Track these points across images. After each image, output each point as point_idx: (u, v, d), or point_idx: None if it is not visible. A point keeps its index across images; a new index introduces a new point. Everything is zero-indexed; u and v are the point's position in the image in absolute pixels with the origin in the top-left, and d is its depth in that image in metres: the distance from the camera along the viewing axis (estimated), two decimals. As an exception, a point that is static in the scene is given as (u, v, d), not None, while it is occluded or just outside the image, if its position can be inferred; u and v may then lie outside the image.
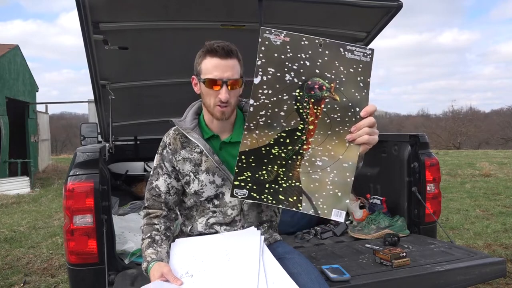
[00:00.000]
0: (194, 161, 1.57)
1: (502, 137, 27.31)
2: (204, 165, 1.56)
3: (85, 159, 1.83)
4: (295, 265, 1.50)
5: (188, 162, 1.57)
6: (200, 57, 1.50)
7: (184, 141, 1.59)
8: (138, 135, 3.73)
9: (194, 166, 1.57)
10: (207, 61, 1.46)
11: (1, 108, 10.32)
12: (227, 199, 1.58)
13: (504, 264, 1.87)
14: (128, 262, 1.98)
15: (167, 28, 2.50)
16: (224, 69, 1.45)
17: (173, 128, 1.64)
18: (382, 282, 1.71)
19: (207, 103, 1.52)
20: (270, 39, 1.31)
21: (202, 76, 1.47)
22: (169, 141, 1.60)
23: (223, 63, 1.45)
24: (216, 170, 1.55)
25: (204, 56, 1.47)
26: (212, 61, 1.45)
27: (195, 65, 1.52)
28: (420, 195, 2.34)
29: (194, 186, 1.57)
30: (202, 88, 1.50)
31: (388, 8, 2.52)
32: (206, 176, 1.55)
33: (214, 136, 1.59)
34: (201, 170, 1.56)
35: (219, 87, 1.45)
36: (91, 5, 2.07)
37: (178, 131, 1.62)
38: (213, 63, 1.44)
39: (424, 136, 2.45)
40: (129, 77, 3.00)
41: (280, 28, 1.35)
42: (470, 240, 4.04)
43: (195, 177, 1.56)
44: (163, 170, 1.59)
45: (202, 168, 1.56)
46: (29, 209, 6.59)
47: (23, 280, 3.38)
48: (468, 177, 8.40)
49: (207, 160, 1.55)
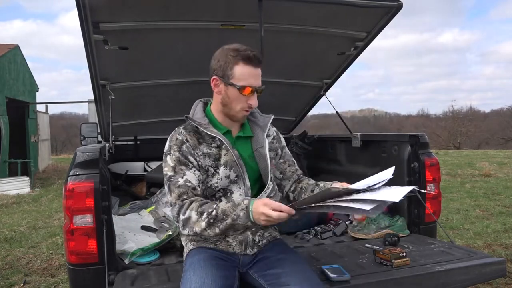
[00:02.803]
0: (214, 155, 1.60)
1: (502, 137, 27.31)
2: (223, 158, 1.60)
3: (85, 159, 1.83)
4: (289, 264, 1.53)
5: (208, 157, 1.59)
6: (230, 61, 1.53)
7: (199, 137, 1.61)
8: (138, 135, 3.73)
9: (213, 160, 1.60)
10: (241, 68, 1.52)
11: (1, 108, 10.32)
12: (235, 197, 1.61)
13: (504, 264, 1.87)
14: (128, 262, 1.98)
15: (167, 28, 2.50)
16: (257, 78, 1.55)
17: (182, 126, 1.64)
18: (382, 282, 1.71)
19: (230, 106, 1.58)
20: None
21: (235, 81, 1.52)
22: (186, 138, 1.59)
23: (256, 72, 1.55)
24: (233, 165, 1.60)
25: (237, 62, 1.52)
26: (247, 69, 1.52)
27: (221, 68, 1.54)
28: (420, 195, 2.34)
29: (211, 180, 1.59)
30: (231, 92, 1.55)
31: (388, 8, 2.52)
32: (223, 169, 1.59)
33: (227, 132, 1.65)
34: (220, 164, 1.59)
35: (251, 94, 1.54)
36: (91, 5, 2.06)
37: (189, 128, 1.63)
38: (248, 71, 1.52)
39: (424, 136, 2.44)
40: (129, 77, 3.00)
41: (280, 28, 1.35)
42: (470, 240, 4.04)
43: (215, 171, 1.59)
44: (188, 165, 1.55)
45: (221, 162, 1.60)
46: (29, 209, 6.59)
47: (23, 280, 3.38)
48: (468, 177, 8.40)
49: (227, 153, 1.60)
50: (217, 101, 1.63)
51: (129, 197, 3.32)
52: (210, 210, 1.44)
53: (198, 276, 1.44)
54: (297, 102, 3.74)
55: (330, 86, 3.52)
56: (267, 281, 1.53)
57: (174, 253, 2.15)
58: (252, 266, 1.63)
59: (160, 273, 1.84)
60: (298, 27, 2.68)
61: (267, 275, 1.55)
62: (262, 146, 1.68)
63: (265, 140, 1.68)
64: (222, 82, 1.56)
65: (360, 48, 2.97)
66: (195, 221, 1.45)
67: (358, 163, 3.06)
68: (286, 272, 1.50)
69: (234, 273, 1.57)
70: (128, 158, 3.70)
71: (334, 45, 2.93)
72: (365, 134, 3.00)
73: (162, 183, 2.97)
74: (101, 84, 2.82)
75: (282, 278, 1.48)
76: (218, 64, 1.56)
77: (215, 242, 1.62)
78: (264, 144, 1.68)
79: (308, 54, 3.03)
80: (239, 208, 1.40)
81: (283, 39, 2.72)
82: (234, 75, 1.52)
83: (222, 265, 1.54)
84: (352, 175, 3.13)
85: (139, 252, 2.02)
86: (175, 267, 1.93)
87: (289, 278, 1.46)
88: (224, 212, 1.42)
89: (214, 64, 1.57)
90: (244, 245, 1.63)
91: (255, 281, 1.59)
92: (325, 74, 3.36)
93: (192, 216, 1.46)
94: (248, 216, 1.38)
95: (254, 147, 1.69)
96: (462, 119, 28.45)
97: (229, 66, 1.53)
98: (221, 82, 1.56)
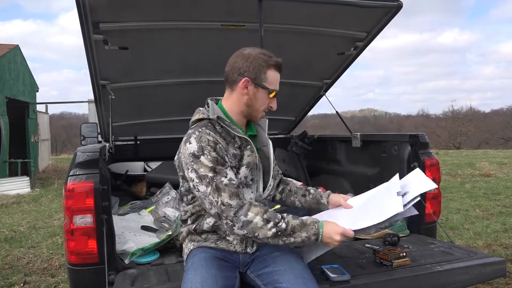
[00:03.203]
0: (237, 156, 1.61)
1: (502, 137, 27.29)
2: (246, 159, 1.61)
3: (85, 159, 1.83)
4: (283, 262, 1.55)
5: (233, 157, 1.60)
6: (263, 65, 1.58)
7: (225, 136, 1.61)
8: (138, 135, 3.73)
9: (237, 161, 1.60)
10: (273, 73, 1.61)
11: (1, 108, 10.32)
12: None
13: (504, 264, 1.87)
14: (128, 262, 1.97)
15: (167, 28, 2.50)
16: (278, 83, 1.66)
17: (204, 127, 1.58)
18: (382, 282, 1.71)
19: (255, 107, 1.62)
20: None
21: (267, 85, 1.60)
22: (216, 139, 1.55)
23: (279, 78, 1.66)
24: (254, 167, 1.63)
25: (269, 67, 1.60)
26: (277, 75, 1.63)
27: (254, 70, 1.58)
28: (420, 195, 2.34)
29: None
30: (260, 94, 1.60)
31: (388, 8, 2.52)
32: (245, 170, 1.61)
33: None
34: (242, 165, 1.60)
35: (274, 97, 1.65)
36: (91, 5, 2.07)
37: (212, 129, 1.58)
38: (277, 77, 1.63)
39: (424, 136, 2.44)
40: (129, 77, 3.00)
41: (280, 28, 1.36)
42: (470, 240, 4.04)
43: (237, 172, 1.60)
44: (225, 165, 1.53)
45: (244, 162, 1.61)
46: (29, 209, 6.59)
47: (23, 280, 3.38)
48: (468, 177, 8.40)
49: (251, 155, 1.62)
50: (240, 101, 1.62)
51: (129, 197, 3.31)
52: (277, 220, 1.47)
53: (199, 276, 1.45)
54: (297, 102, 3.74)
55: (330, 86, 3.52)
56: (262, 280, 1.55)
57: (174, 253, 2.15)
58: (250, 266, 1.64)
59: (160, 273, 1.84)
60: (298, 27, 2.68)
61: (262, 274, 1.57)
62: (265, 145, 1.73)
63: (268, 139, 1.74)
64: (252, 84, 1.59)
65: (360, 48, 2.97)
66: (260, 227, 1.46)
67: (358, 163, 3.06)
68: (279, 270, 1.51)
69: (235, 274, 1.57)
70: (128, 158, 3.70)
71: (334, 45, 2.93)
72: (365, 134, 3.00)
73: (162, 183, 3.03)
74: (101, 84, 2.83)
75: (276, 276, 1.50)
76: (251, 66, 1.57)
77: (216, 242, 1.62)
78: (267, 143, 1.73)
79: (308, 54, 3.03)
80: (311, 231, 1.48)
81: (283, 39, 2.72)
82: (267, 79, 1.59)
83: (223, 265, 1.55)
84: (352, 175, 3.14)
85: (139, 252, 2.02)
86: (175, 267, 1.93)
87: (282, 276, 1.48)
88: (293, 229, 1.47)
89: (243, 66, 1.58)
90: (245, 243, 1.63)
91: (253, 282, 1.60)
92: (325, 74, 3.36)
93: (256, 221, 1.45)
94: (318, 239, 1.49)
95: (258, 145, 1.73)
96: (462, 119, 28.44)
97: (263, 70, 1.58)
98: (251, 83, 1.58)
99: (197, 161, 1.51)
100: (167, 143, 3.69)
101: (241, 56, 1.60)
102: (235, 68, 1.59)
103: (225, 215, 1.47)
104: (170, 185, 2.95)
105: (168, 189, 2.90)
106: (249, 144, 1.62)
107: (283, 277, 1.48)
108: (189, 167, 1.52)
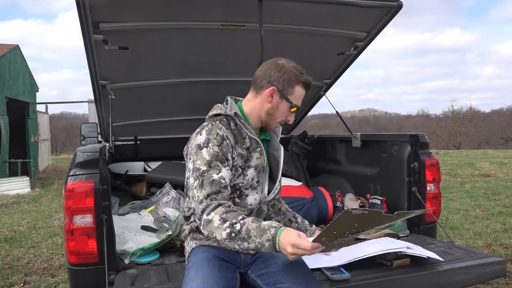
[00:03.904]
0: (245, 156, 1.61)
1: (502, 137, 27.28)
2: (255, 161, 1.62)
3: (85, 159, 1.83)
4: (284, 262, 1.54)
5: (240, 157, 1.60)
6: (293, 80, 1.61)
7: (236, 134, 1.62)
8: (138, 135, 3.73)
9: (244, 161, 1.61)
10: (300, 89, 1.63)
11: (1, 108, 10.32)
12: (249, 200, 1.63)
13: (504, 264, 1.87)
14: (128, 262, 1.97)
15: (167, 28, 2.50)
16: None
17: (218, 121, 1.59)
18: (382, 282, 1.71)
19: (274, 117, 1.65)
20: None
21: (292, 99, 1.62)
22: (226, 134, 1.57)
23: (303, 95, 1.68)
24: (261, 169, 1.64)
25: (298, 83, 1.62)
26: (303, 92, 1.65)
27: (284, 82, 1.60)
28: (420, 195, 2.34)
29: (236, 180, 1.61)
30: (282, 106, 1.62)
31: (388, 8, 2.52)
32: (252, 171, 1.62)
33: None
34: (248, 166, 1.61)
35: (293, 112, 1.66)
36: (91, 5, 2.07)
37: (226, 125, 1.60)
38: (302, 94, 1.66)
39: (424, 136, 2.45)
40: (129, 77, 3.00)
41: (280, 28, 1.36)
42: (470, 240, 4.04)
43: (242, 172, 1.61)
44: (225, 163, 1.53)
45: (251, 164, 1.62)
46: (29, 209, 6.59)
47: (23, 280, 3.38)
48: (468, 177, 8.39)
49: (260, 157, 1.63)
50: (261, 107, 1.64)
51: (129, 197, 3.32)
52: (235, 221, 1.38)
53: (200, 275, 1.45)
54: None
55: (330, 86, 3.52)
56: (263, 280, 1.55)
57: (174, 253, 2.15)
58: (251, 266, 1.64)
59: (160, 273, 1.84)
60: (298, 27, 2.67)
61: (263, 274, 1.57)
62: (277, 150, 1.75)
63: (280, 145, 1.76)
64: (279, 94, 1.61)
65: (360, 48, 2.97)
66: (217, 227, 1.40)
67: (358, 163, 3.06)
68: (281, 270, 1.52)
69: (236, 275, 1.58)
70: (128, 158, 3.70)
71: (334, 45, 2.93)
72: (365, 134, 3.00)
73: (162, 183, 3.03)
74: (101, 84, 2.83)
75: (277, 276, 1.50)
76: (282, 77, 1.60)
77: (217, 241, 1.62)
78: (279, 148, 1.75)
79: (308, 54, 3.02)
80: (265, 236, 1.34)
81: (283, 39, 2.72)
82: (293, 93, 1.61)
83: (224, 266, 1.55)
84: (352, 175, 3.14)
85: (139, 252, 2.02)
86: (175, 267, 1.93)
87: (284, 276, 1.48)
88: (248, 232, 1.35)
89: (276, 76, 1.60)
90: None
91: (253, 282, 1.60)
92: (325, 74, 3.36)
93: (214, 220, 1.41)
94: (274, 247, 1.34)
95: (270, 151, 1.76)
96: (462, 119, 28.44)
97: (292, 84, 1.61)
98: (277, 94, 1.61)
99: (199, 152, 1.52)
100: (167, 143, 3.69)
101: (275, 65, 1.62)
102: (266, 74, 1.62)
103: (196, 212, 1.47)
104: (170, 185, 2.95)
105: (168, 189, 2.90)
106: (259, 146, 1.63)
107: (285, 277, 1.48)
108: (191, 157, 1.55)
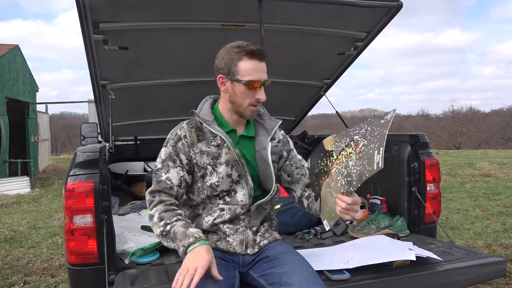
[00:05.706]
0: (212, 154, 1.59)
1: (502, 137, 27.28)
2: (224, 157, 1.58)
3: (85, 159, 1.83)
4: (290, 264, 1.53)
5: (206, 155, 1.58)
6: (234, 58, 1.53)
7: (199, 134, 1.61)
8: (138, 135, 3.73)
9: (212, 159, 1.59)
10: (246, 63, 1.52)
11: (1, 108, 10.33)
12: (239, 197, 1.60)
13: (504, 264, 1.87)
14: (128, 262, 1.97)
15: (167, 28, 2.51)
16: (262, 71, 1.55)
17: (185, 122, 1.64)
18: (382, 282, 1.71)
19: (238, 103, 1.57)
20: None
21: (240, 77, 1.52)
22: (185, 134, 1.59)
23: (260, 65, 1.54)
24: (235, 164, 1.59)
25: (241, 58, 1.52)
26: (252, 63, 1.52)
27: (226, 65, 1.54)
28: (420, 195, 2.34)
29: (211, 179, 1.58)
30: (238, 88, 1.54)
31: (388, 8, 2.52)
32: (225, 168, 1.58)
33: (232, 131, 1.63)
34: (219, 163, 1.58)
35: (258, 88, 1.54)
36: (91, 5, 2.07)
37: (193, 124, 1.62)
38: (253, 65, 1.52)
39: (424, 136, 2.44)
40: (129, 77, 3.00)
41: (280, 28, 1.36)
42: (470, 240, 4.04)
43: (213, 170, 1.58)
44: (176, 163, 1.56)
45: (222, 161, 1.58)
46: (29, 209, 6.59)
47: (23, 280, 3.38)
48: (468, 177, 8.39)
49: (228, 152, 1.58)
50: (225, 99, 1.62)
51: (129, 197, 3.32)
52: (168, 221, 1.46)
53: None
54: (297, 102, 3.74)
55: (330, 86, 3.52)
56: (267, 280, 1.53)
57: (174, 253, 2.14)
58: (252, 266, 1.63)
59: (160, 273, 1.84)
60: (298, 27, 2.68)
61: (267, 275, 1.54)
62: (264, 148, 1.65)
63: (267, 143, 1.66)
64: (228, 79, 1.56)
65: (360, 48, 2.97)
66: (155, 223, 1.49)
67: (358, 163, 3.05)
68: (287, 272, 1.49)
69: (235, 274, 1.56)
70: (128, 158, 3.71)
71: (334, 45, 2.93)
72: (365, 134, 2.99)
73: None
74: (101, 84, 2.83)
75: (284, 278, 1.48)
76: (222, 62, 1.56)
77: (216, 242, 1.62)
78: (266, 146, 1.65)
79: (308, 54, 3.03)
80: (184, 241, 1.41)
81: (283, 39, 2.72)
82: (239, 71, 1.53)
83: (223, 265, 1.54)
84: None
85: (139, 252, 2.02)
86: (175, 267, 1.92)
87: (291, 278, 1.46)
88: (175, 234, 1.43)
89: (219, 63, 1.57)
90: (245, 245, 1.62)
91: (255, 281, 1.58)
92: (325, 74, 3.37)
93: (155, 216, 1.50)
94: (184, 254, 1.40)
95: (256, 148, 1.67)
96: (462, 119, 28.46)
97: (234, 63, 1.53)
98: (227, 79, 1.56)
99: (161, 150, 1.61)
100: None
101: (218, 54, 1.60)
102: (214, 67, 1.60)
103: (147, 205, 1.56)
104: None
105: (168, 189, 2.90)
106: (226, 141, 1.58)
107: (292, 279, 1.45)
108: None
